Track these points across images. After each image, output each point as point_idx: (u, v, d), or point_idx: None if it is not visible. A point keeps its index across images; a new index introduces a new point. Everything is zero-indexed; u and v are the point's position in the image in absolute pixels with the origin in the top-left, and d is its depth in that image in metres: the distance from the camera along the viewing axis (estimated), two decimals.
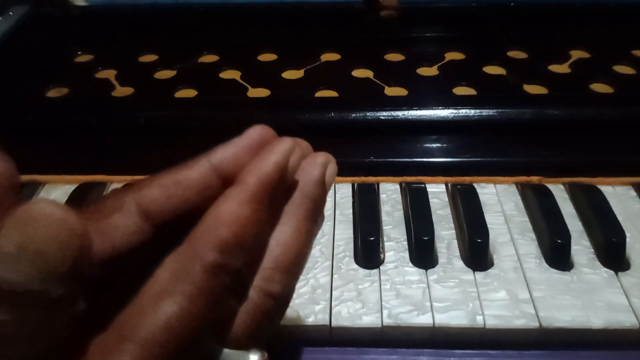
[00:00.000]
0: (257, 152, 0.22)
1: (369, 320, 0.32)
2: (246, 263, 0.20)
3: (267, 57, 0.56)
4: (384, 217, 0.39)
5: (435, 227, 0.37)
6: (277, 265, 0.21)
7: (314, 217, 0.24)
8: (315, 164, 0.24)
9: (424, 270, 0.35)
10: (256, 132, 0.23)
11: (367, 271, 0.35)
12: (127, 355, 0.17)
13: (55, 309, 0.16)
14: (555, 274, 0.35)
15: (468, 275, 0.35)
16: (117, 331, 0.17)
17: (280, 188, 0.22)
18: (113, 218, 0.20)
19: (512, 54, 0.55)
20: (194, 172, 0.21)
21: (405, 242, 0.37)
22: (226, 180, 0.22)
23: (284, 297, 0.22)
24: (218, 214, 0.20)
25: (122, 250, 0.20)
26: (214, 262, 0.19)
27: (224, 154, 0.22)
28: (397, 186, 0.42)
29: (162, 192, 0.21)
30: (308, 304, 0.33)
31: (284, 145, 0.22)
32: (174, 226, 0.21)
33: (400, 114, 0.45)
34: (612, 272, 0.35)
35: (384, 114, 0.45)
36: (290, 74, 0.53)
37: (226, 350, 0.20)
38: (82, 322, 0.18)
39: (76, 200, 0.41)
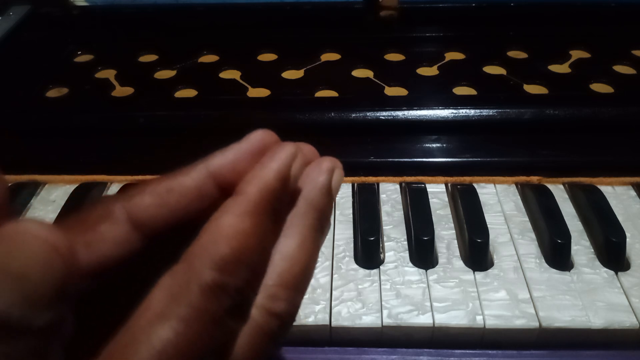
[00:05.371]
0: (258, 158, 0.20)
1: (369, 320, 0.32)
2: (248, 281, 0.18)
3: (267, 57, 0.56)
4: (384, 217, 0.39)
5: (435, 227, 0.37)
6: (282, 282, 0.20)
7: (320, 226, 0.22)
8: (321, 170, 0.22)
9: (424, 270, 0.35)
10: (257, 137, 0.21)
11: (367, 271, 0.35)
12: None
13: (43, 338, 0.15)
14: (555, 274, 0.35)
15: (468, 275, 0.35)
16: None
17: (283, 197, 0.20)
18: (100, 228, 0.19)
19: (512, 54, 0.55)
20: (189, 179, 0.20)
21: (405, 242, 0.37)
22: (225, 189, 0.20)
23: (289, 315, 0.20)
24: (216, 229, 0.18)
25: (111, 262, 0.19)
26: (212, 282, 0.17)
27: (223, 160, 0.20)
28: (397, 186, 0.42)
29: (154, 200, 0.19)
30: (308, 304, 0.33)
31: (286, 151, 0.20)
32: (170, 238, 0.20)
33: (400, 114, 0.45)
34: (612, 272, 0.35)
35: (384, 114, 0.45)
36: (290, 74, 0.53)
37: None
38: (73, 345, 0.16)
39: (76, 200, 0.41)
